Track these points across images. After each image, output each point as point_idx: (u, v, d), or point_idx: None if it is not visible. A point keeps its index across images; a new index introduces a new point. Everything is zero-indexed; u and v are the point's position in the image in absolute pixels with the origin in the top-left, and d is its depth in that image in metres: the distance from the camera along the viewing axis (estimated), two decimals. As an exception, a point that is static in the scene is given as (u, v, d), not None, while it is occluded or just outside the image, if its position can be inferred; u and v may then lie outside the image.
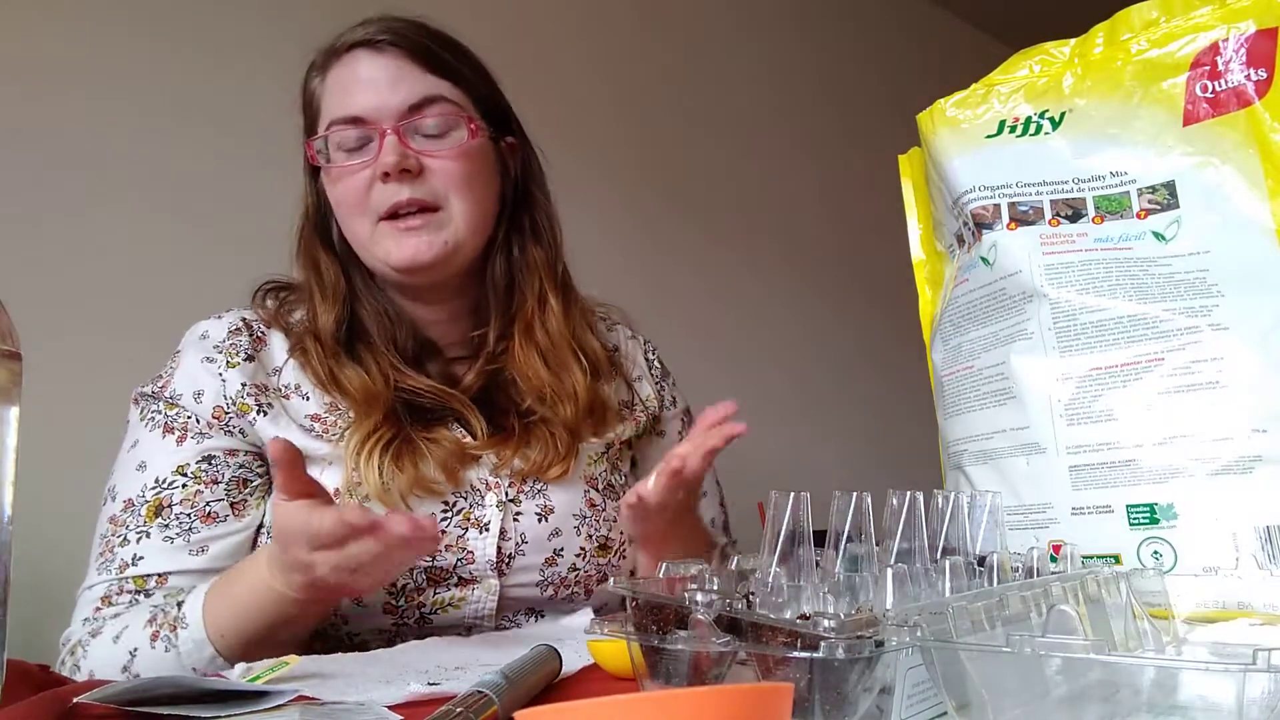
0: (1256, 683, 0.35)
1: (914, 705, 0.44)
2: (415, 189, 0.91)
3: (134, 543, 0.85)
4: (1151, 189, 0.70)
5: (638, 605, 0.50)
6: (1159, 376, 0.66)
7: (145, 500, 0.87)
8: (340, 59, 0.94)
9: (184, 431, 0.89)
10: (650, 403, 1.09)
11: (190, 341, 0.95)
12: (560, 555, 0.94)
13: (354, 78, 0.92)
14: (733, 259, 2.49)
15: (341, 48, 0.95)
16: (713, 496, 1.14)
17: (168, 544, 0.85)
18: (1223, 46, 0.68)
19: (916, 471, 0.94)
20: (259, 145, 1.69)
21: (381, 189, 0.90)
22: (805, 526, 0.53)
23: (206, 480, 0.88)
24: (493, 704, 0.47)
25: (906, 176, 0.89)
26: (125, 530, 0.86)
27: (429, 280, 0.96)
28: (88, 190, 1.52)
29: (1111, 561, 0.67)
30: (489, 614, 0.91)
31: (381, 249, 0.92)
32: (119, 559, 0.85)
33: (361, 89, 0.91)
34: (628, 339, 1.14)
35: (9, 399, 0.47)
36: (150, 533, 0.86)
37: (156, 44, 1.62)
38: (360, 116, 0.91)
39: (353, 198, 0.92)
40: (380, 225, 0.92)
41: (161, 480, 0.88)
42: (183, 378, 0.91)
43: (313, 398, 0.93)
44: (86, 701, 0.51)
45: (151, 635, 0.80)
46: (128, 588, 0.85)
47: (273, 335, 0.96)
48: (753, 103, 2.62)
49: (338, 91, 0.93)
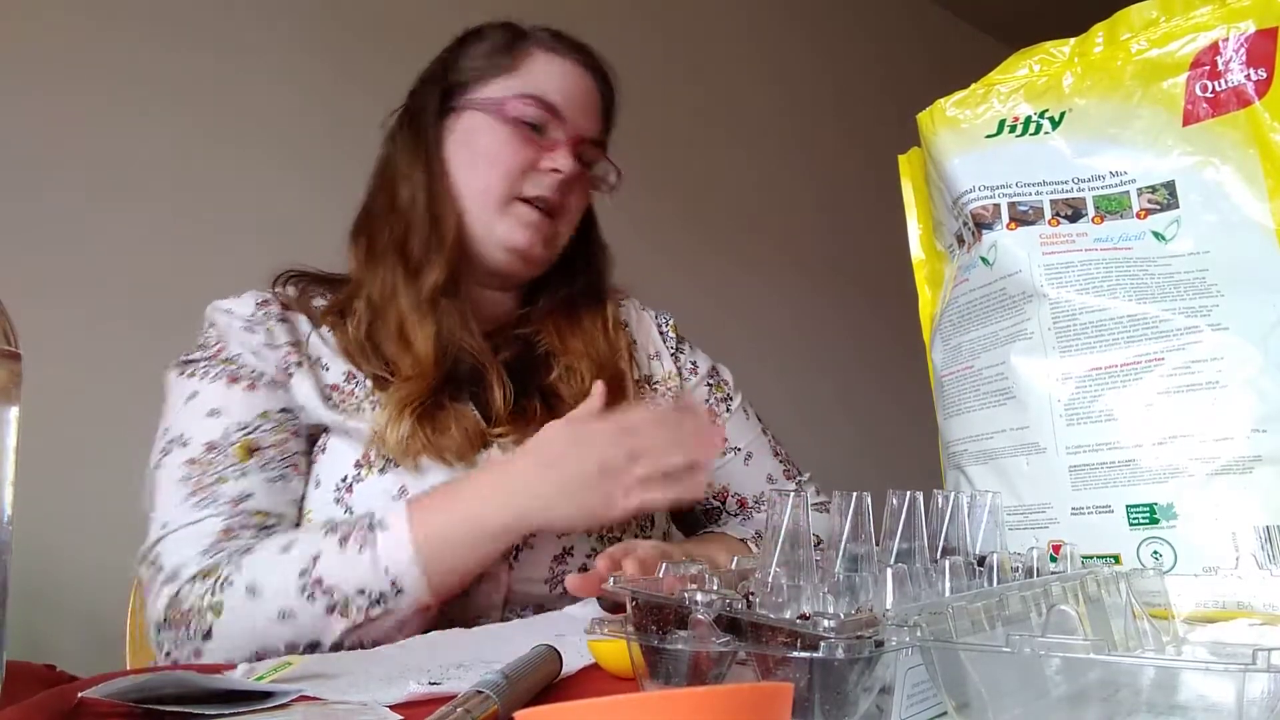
0: (1256, 683, 0.35)
1: (914, 705, 0.44)
2: (560, 196, 0.99)
3: (235, 480, 0.84)
4: (1151, 189, 0.70)
5: (638, 605, 0.50)
6: (1159, 376, 0.66)
7: (232, 441, 0.85)
8: (558, 54, 1.01)
9: (254, 381, 0.90)
10: (671, 380, 1.10)
11: (218, 315, 0.95)
12: (570, 554, 0.94)
13: (567, 79, 1.00)
14: (729, 259, 2.49)
15: (560, 46, 1.01)
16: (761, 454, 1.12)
17: (271, 485, 0.85)
18: (1223, 46, 0.68)
19: (916, 471, 0.95)
20: (261, 145, 1.69)
21: (539, 177, 0.97)
22: (805, 526, 0.53)
23: (290, 430, 0.89)
24: (493, 704, 0.47)
25: (906, 176, 0.90)
26: (218, 470, 0.84)
27: (522, 269, 1.01)
28: (87, 190, 1.52)
29: (1111, 561, 0.67)
30: (495, 605, 0.91)
31: (505, 224, 0.97)
32: (225, 495, 0.83)
33: (569, 93, 0.99)
34: (638, 312, 1.15)
35: (9, 399, 0.47)
36: (249, 471, 0.84)
37: (156, 45, 1.62)
38: (560, 112, 0.98)
39: (510, 163, 0.97)
40: (515, 202, 0.98)
41: (244, 424, 0.87)
42: (235, 342, 0.92)
43: (332, 368, 0.94)
44: (91, 698, 0.51)
45: (341, 538, 0.79)
46: (251, 523, 0.83)
47: (293, 315, 0.98)
48: (753, 102, 2.62)
49: (547, 75, 0.99)
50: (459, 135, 1.00)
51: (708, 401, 1.12)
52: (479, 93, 0.99)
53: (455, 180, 0.99)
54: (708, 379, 1.13)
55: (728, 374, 1.16)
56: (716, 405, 1.12)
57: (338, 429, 0.91)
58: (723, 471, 1.10)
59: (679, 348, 1.14)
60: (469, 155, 0.99)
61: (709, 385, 1.13)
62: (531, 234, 0.98)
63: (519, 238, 0.98)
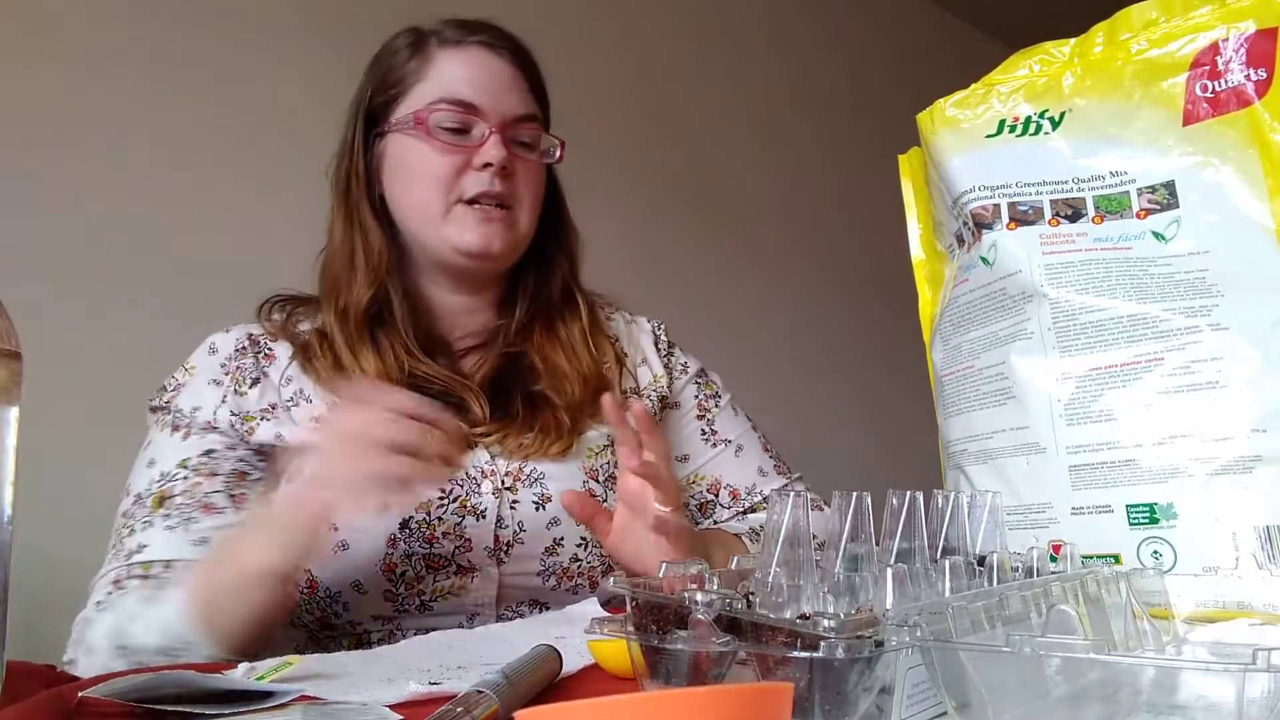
0: (1256, 683, 0.35)
1: (914, 705, 0.44)
2: (502, 186, 0.97)
3: (140, 532, 0.87)
4: (1151, 189, 0.70)
5: (638, 605, 0.50)
6: (1159, 376, 0.66)
7: (150, 493, 0.89)
8: (459, 46, 0.99)
9: (188, 429, 0.92)
10: (659, 381, 1.10)
11: (200, 358, 0.97)
12: (560, 545, 0.95)
13: (474, 69, 0.98)
14: (739, 254, 2.49)
15: (460, 37, 0.99)
16: (751, 447, 1.13)
17: (169, 532, 0.86)
18: (1222, 46, 0.68)
19: (922, 469, 0.94)
20: (262, 145, 1.69)
21: (475, 176, 0.96)
22: (805, 526, 0.53)
23: (205, 473, 0.90)
24: (493, 704, 0.47)
25: (906, 176, 0.90)
26: (133, 521, 0.88)
27: (486, 269, 1.01)
28: (87, 190, 1.52)
29: (1111, 561, 0.67)
30: (489, 602, 0.92)
31: (454, 229, 0.97)
32: (127, 548, 0.87)
33: (480, 83, 0.98)
34: (626, 324, 1.15)
35: (9, 399, 0.47)
36: (154, 522, 0.87)
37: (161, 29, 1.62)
38: (475, 105, 0.97)
39: (441, 173, 0.96)
40: (458, 208, 0.97)
41: (165, 474, 0.90)
42: (188, 396, 0.94)
43: (315, 398, 0.95)
44: (91, 697, 0.51)
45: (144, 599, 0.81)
46: (135, 572, 0.85)
47: (279, 347, 0.99)
48: (753, 102, 2.62)
49: (453, 73, 0.98)
50: (390, 160, 1.00)
51: (696, 399, 1.12)
52: (397, 112, 0.99)
53: (395, 205, 1.00)
54: (696, 379, 1.14)
55: (716, 376, 1.17)
56: (706, 401, 1.12)
57: None
58: (714, 464, 1.10)
59: (670, 351, 1.14)
60: (402, 177, 0.99)
61: (697, 384, 1.13)
62: (484, 231, 0.97)
63: (471, 239, 0.96)
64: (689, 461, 1.10)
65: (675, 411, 1.11)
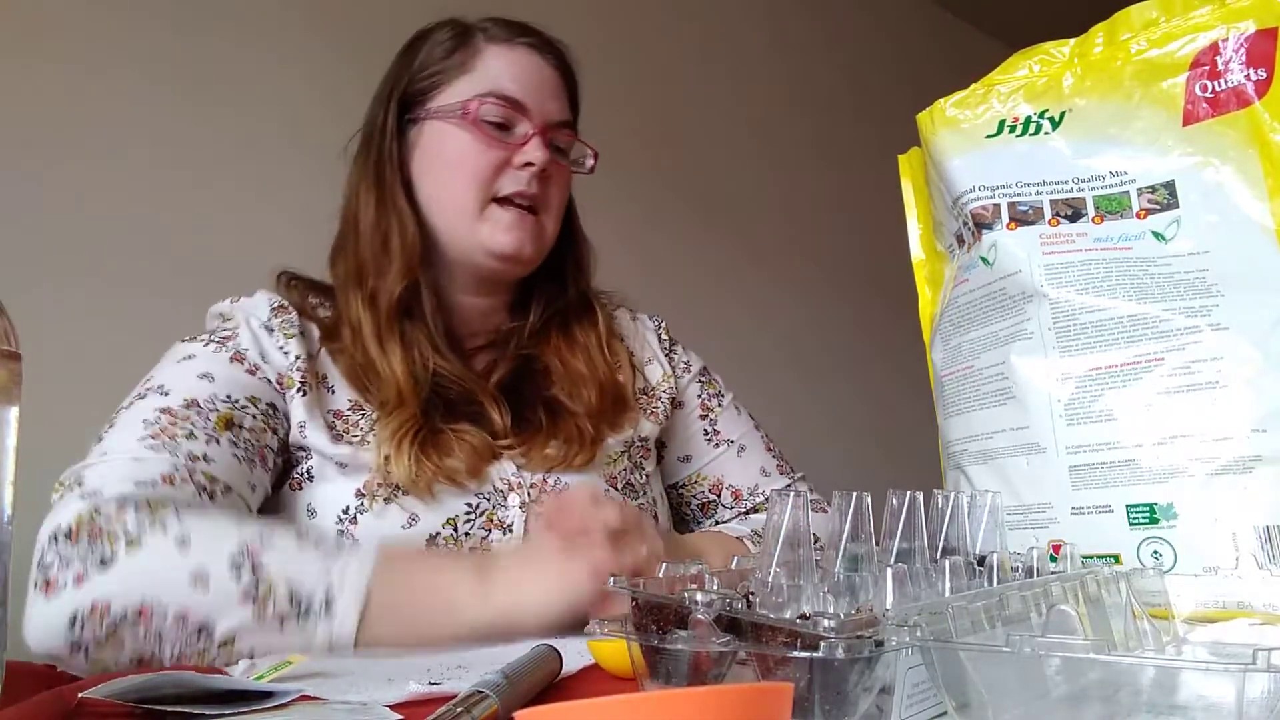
0: (1256, 683, 0.35)
1: (914, 705, 0.44)
2: (538, 188, 0.96)
3: (203, 441, 0.80)
4: (1151, 189, 0.70)
5: (638, 605, 0.50)
6: (1159, 376, 0.66)
7: (215, 409, 0.83)
8: (509, 45, 0.99)
9: (254, 370, 0.88)
10: (667, 382, 1.09)
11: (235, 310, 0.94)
12: None
13: (523, 69, 0.98)
14: (739, 254, 2.49)
15: (509, 35, 0.99)
16: (754, 447, 1.12)
17: (236, 462, 0.82)
18: (1222, 46, 0.68)
19: (922, 469, 0.94)
20: (262, 145, 1.69)
21: (513, 174, 0.95)
22: (805, 526, 0.53)
23: (270, 427, 0.87)
24: (493, 704, 0.47)
25: (906, 176, 0.90)
26: (191, 426, 0.80)
27: (511, 272, 1.00)
28: (87, 190, 1.51)
29: (1111, 561, 0.67)
30: None
31: (487, 229, 0.95)
32: (186, 449, 0.79)
33: (529, 82, 0.98)
34: (630, 322, 1.14)
35: (9, 399, 0.47)
36: (221, 441, 0.81)
37: (159, 30, 1.62)
38: (523, 104, 0.96)
39: (481, 166, 0.95)
40: (492, 206, 0.96)
41: (234, 399, 0.84)
42: (248, 335, 0.90)
43: (339, 391, 0.93)
44: (91, 698, 0.51)
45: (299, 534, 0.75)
46: (197, 480, 0.78)
47: (307, 325, 0.96)
48: (753, 102, 2.62)
49: (501, 70, 0.97)
50: (424, 148, 0.98)
51: (699, 398, 1.12)
52: (436, 100, 0.97)
53: (426, 195, 0.97)
54: (699, 377, 1.13)
55: (717, 375, 1.17)
56: (709, 400, 1.12)
57: (336, 458, 0.89)
58: (716, 464, 1.10)
59: (672, 348, 1.14)
60: (438, 166, 0.97)
61: (700, 382, 1.13)
62: (517, 235, 0.95)
63: (505, 241, 0.95)
64: (691, 462, 1.10)
65: (680, 411, 1.11)
